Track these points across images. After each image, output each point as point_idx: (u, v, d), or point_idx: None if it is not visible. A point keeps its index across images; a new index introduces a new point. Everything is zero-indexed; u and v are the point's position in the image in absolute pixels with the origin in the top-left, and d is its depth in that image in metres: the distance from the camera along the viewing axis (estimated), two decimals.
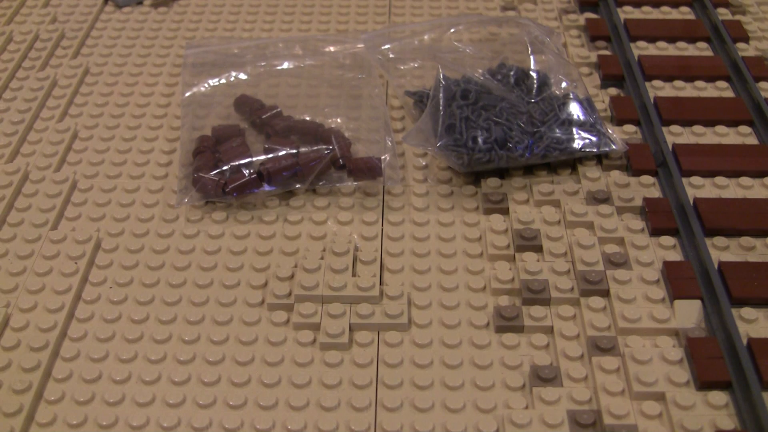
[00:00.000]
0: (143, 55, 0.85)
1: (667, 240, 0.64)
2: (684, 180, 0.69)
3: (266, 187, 0.68)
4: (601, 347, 0.57)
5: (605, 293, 0.60)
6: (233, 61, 0.80)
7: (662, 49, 0.84)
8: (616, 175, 0.69)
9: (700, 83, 0.79)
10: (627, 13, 0.89)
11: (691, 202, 0.66)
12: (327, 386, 0.55)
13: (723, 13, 0.89)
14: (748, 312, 0.58)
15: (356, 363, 0.57)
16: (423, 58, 0.80)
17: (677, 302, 0.59)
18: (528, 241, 0.64)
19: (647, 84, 0.79)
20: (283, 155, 0.69)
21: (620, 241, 0.64)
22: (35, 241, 0.65)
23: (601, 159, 0.71)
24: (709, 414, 0.53)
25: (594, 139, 0.70)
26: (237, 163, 0.68)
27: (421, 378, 0.56)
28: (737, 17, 0.89)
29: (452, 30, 0.83)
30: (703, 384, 0.54)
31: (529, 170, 0.70)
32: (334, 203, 0.68)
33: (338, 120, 0.74)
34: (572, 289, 0.61)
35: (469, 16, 0.88)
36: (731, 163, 0.70)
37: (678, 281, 0.60)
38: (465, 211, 0.68)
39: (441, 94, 0.70)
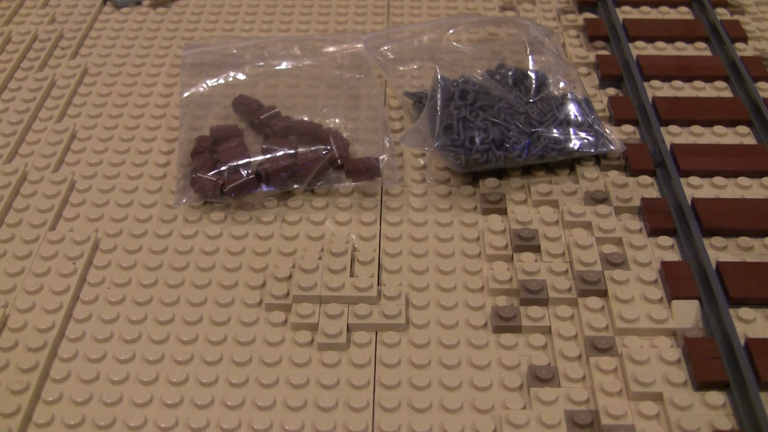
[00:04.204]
0: (142, 55, 0.85)
1: (665, 240, 0.64)
2: (682, 180, 0.69)
3: (264, 188, 0.68)
4: (598, 347, 0.57)
5: (603, 293, 0.60)
6: (232, 61, 0.80)
7: (661, 49, 0.84)
8: (614, 176, 0.69)
9: (698, 83, 0.79)
10: (625, 13, 0.89)
11: (689, 202, 0.66)
12: (325, 386, 0.55)
13: (722, 13, 0.89)
14: (745, 312, 0.58)
15: (354, 363, 0.57)
16: (422, 59, 0.79)
17: (675, 302, 0.59)
18: (526, 242, 0.64)
19: (646, 84, 0.79)
20: (281, 156, 0.69)
21: (618, 242, 0.64)
22: (33, 242, 0.65)
23: (599, 159, 0.71)
24: (707, 414, 0.53)
25: (592, 139, 0.70)
26: (235, 163, 0.68)
27: (418, 378, 0.56)
28: (736, 17, 0.89)
29: (451, 30, 0.83)
30: (701, 384, 0.54)
31: (527, 170, 0.70)
32: (332, 204, 0.68)
33: (336, 120, 0.74)
34: (570, 289, 0.61)
35: (468, 17, 0.88)
36: (729, 163, 0.70)
37: (676, 281, 0.60)
38: (463, 212, 0.68)
39: (439, 95, 0.70)
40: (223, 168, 0.68)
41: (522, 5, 0.92)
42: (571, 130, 0.70)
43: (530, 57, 0.77)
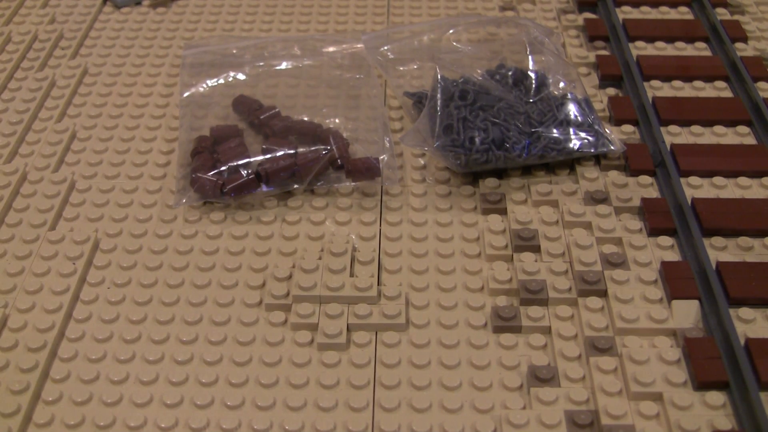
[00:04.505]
0: (142, 55, 0.85)
1: (665, 240, 0.64)
2: (682, 180, 0.69)
3: (264, 188, 0.68)
4: (598, 347, 0.57)
5: (603, 293, 0.60)
6: (231, 61, 0.80)
7: (661, 49, 0.84)
8: (614, 176, 0.69)
9: (698, 83, 0.79)
10: (625, 13, 0.89)
11: (689, 202, 0.66)
12: (324, 386, 0.55)
13: (722, 13, 0.89)
14: (745, 312, 0.58)
15: (354, 363, 0.57)
16: (422, 59, 0.79)
17: (675, 302, 0.59)
18: (526, 242, 0.64)
19: (646, 84, 0.79)
20: (281, 156, 0.69)
21: (618, 242, 0.64)
22: (33, 242, 0.65)
23: (599, 159, 0.71)
24: (707, 414, 0.53)
25: (592, 139, 0.70)
26: (235, 163, 0.69)
27: (418, 378, 0.56)
28: (736, 17, 0.89)
29: (451, 30, 0.83)
30: (701, 384, 0.54)
31: (527, 170, 0.70)
32: (332, 204, 0.68)
33: (336, 120, 0.74)
34: (570, 289, 0.61)
35: (468, 17, 0.88)
36: (729, 163, 0.70)
37: (676, 281, 0.60)
38: (463, 212, 0.68)
39: (439, 95, 0.70)
40: (223, 168, 0.68)
41: (522, 5, 0.92)
42: (571, 130, 0.70)
43: (530, 57, 0.77)
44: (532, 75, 0.74)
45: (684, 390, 0.54)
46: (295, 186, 0.69)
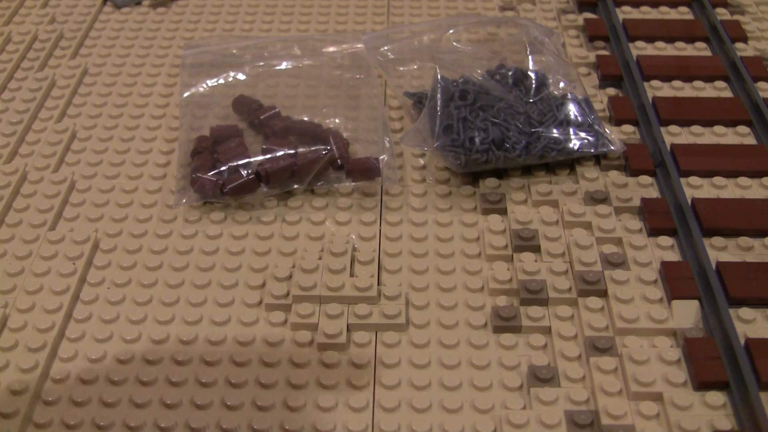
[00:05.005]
0: (142, 55, 0.85)
1: (665, 240, 0.64)
2: (682, 180, 0.69)
3: (264, 188, 0.68)
4: (598, 347, 0.57)
5: (603, 293, 0.60)
6: (231, 61, 0.80)
7: (661, 49, 0.84)
8: (614, 176, 0.69)
9: (698, 83, 0.79)
10: (625, 13, 0.89)
11: (689, 202, 0.66)
12: (325, 386, 0.55)
13: (721, 13, 0.89)
14: (745, 312, 0.58)
15: (354, 363, 0.57)
16: (422, 59, 0.79)
17: (675, 302, 0.59)
18: (526, 242, 0.64)
19: (646, 84, 0.79)
20: (281, 156, 0.69)
21: (618, 242, 0.64)
22: (33, 242, 0.65)
23: (599, 159, 0.71)
24: (707, 414, 0.53)
25: (592, 139, 0.70)
26: (235, 163, 0.68)
27: (418, 378, 0.56)
28: (736, 17, 0.89)
29: (451, 31, 0.83)
30: (701, 384, 0.54)
31: (527, 170, 0.70)
32: (332, 204, 0.68)
33: (336, 120, 0.74)
34: (570, 289, 0.61)
35: (468, 17, 0.88)
36: (729, 163, 0.70)
37: (676, 281, 0.60)
38: (463, 212, 0.68)
39: (439, 95, 0.70)
40: (223, 168, 0.68)
41: (522, 5, 0.92)
42: (571, 130, 0.70)
43: (530, 57, 0.77)
44: (532, 75, 0.74)
45: (684, 390, 0.54)
46: (295, 186, 0.69)
